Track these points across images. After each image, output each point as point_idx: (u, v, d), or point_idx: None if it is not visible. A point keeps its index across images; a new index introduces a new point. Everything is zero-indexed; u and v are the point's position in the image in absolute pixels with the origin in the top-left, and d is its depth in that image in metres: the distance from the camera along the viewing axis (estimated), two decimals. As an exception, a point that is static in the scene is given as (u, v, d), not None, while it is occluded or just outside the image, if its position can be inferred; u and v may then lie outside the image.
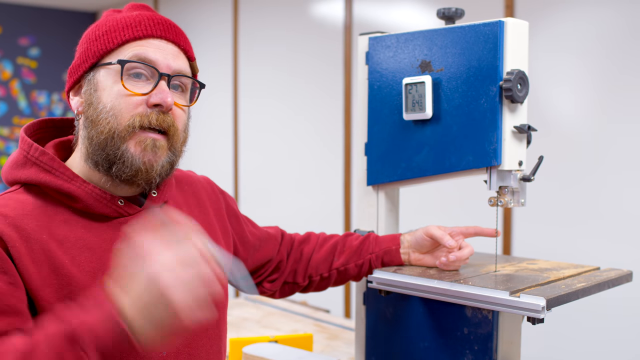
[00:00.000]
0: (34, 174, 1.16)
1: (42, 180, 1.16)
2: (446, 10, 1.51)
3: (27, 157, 1.18)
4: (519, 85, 1.39)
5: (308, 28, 4.28)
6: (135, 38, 1.19)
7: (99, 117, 1.16)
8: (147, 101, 1.17)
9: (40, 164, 1.17)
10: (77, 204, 1.16)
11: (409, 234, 1.58)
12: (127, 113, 1.16)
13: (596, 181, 2.87)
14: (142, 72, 1.18)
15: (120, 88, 1.16)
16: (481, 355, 1.42)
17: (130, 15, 1.22)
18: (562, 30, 2.96)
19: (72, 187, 1.15)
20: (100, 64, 1.19)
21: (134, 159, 1.16)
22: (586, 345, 2.90)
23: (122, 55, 1.18)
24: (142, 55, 1.18)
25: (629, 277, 1.57)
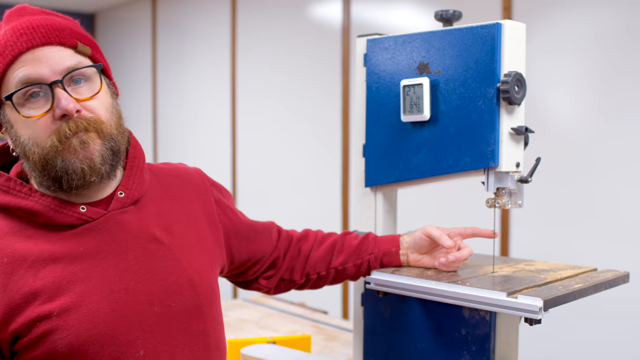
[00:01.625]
0: None
1: (2, 201, 1.17)
2: (444, 12, 1.52)
3: None
4: (517, 87, 1.39)
5: (306, 30, 4.29)
6: (10, 62, 1.14)
7: (25, 150, 1.16)
8: (54, 115, 1.14)
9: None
10: (39, 219, 1.17)
11: (408, 235, 1.59)
12: (44, 135, 1.15)
13: (593, 182, 2.88)
14: (35, 90, 1.14)
15: (25, 119, 1.15)
16: (479, 356, 1.42)
17: (3, 35, 1.16)
18: (560, 32, 2.97)
19: (29, 204, 1.16)
20: (2, 101, 1.17)
21: (73, 164, 1.15)
22: (583, 346, 2.91)
23: (8, 85, 1.15)
24: (24, 77, 1.14)
25: (625, 279, 1.58)
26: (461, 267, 1.61)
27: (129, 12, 6.04)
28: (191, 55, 5.35)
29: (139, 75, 5.97)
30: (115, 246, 1.19)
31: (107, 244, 1.18)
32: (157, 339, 1.19)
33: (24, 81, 1.13)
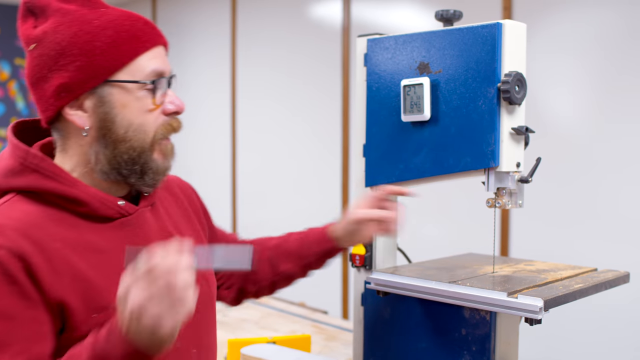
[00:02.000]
0: (34, 181, 1.14)
1: (45, 187, 1.14)
2: (444, 12, 1.52)
3: (25, 164, 1.15)
4: (517, 87, 1.39)
5: (306, 30, 4.29)
6: (146, 50, 1.17)
7: (126, 134, 1.16)
8: (163, 110, 1.19)
9: (41, 170, 1.15)
10: (82, 208, 1.16)
11: (338, 228, 1.53)
12: (152, 126, 1.18)
13: (594, 182, 2.88)
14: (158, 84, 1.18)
15: (143, 104, 1.16)
16: (479, 356, 1.42)
17: (122, 20, 1.17)
18: (560, 32, 2.97)
19: (77, 192, 1.15)
20: (111, 81, 1.15)
21: (162, 166, 1.21)
22: (583, 346, 2.91)
23: (135, 69, 1.16)
24: (158, 70, 1.18)
25: (626, 279, 1.58)
26: (461, 267, 1.61)
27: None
28: (191, 55, 5.34)
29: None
30: (147, 241, 1.21)
31: (141, 239, 1.21)
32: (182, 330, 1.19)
33: (157, 73, 1.17)
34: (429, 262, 1.71)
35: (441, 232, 3.45)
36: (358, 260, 1.65)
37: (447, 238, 3.42)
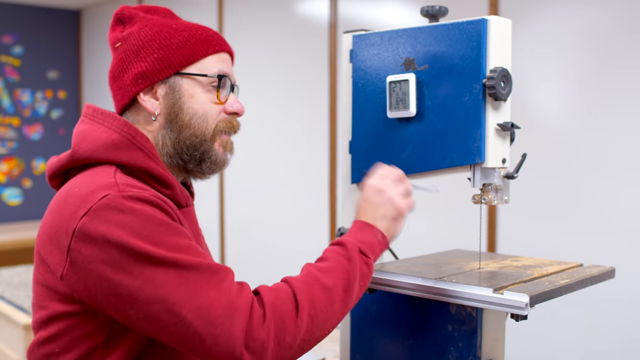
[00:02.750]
0: (139, 159, 1.26)
1: (147, 166, 1.26)
2: (430, 8, 1.51)
3: (133, 141, 1.27)
4: (502, 82, 1.39)
5: (293, 26, 4.28)
6: (215, 52, 1.34)
7: (190, 121, 1.31)
8: (225, 109, 1.35)
9: (145, 150, 1.28)
10: (168, 191, 1.29)
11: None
12: (214, 119, 1.33)
13: (580, 178, 2.89)
14: (222, 83, 1.34)
15: (208, 97, 1.33)
16: (465, 352, 1.42)
17: (197, 27, 1.35)
18: (547, 28, 2.98)
19: (169, 177, 1.29)
20: (182, 73, 1.31)
21: (221, 158, 1.36)
22: (569, 342, 2.92)
23: (204, 67, 1.33)
24: (223, 70, 1.35)
25: (611, 274, 1.59)
26: (448, 264, 1.61)
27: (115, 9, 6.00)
28: (178, 51, 5.31)
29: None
30: (195, 231, 1.40)
31: (193, 229, 1.37)
32: None
33: (223, 71, 1.35)
34: (416, 259, 1.71)
35: (428, 229, 3.46)
36: (344, 257, 1.65)
37: (434, 234, 3.42)
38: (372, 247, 1.32)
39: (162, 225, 1.15)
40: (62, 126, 6.49)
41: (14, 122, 6.18)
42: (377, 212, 1.36)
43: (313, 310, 1.17)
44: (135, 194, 1.16)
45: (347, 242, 1.29)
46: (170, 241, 1.14)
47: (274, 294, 1.16)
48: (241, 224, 4.73)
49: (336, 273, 1.24)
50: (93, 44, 6.39)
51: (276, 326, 1.13)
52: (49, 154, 6.37)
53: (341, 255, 1.27)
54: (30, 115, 6.28)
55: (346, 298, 1.24)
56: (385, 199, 1.36)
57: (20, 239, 5.42)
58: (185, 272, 1.12)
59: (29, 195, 6.28)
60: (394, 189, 1.38)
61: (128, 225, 1.12)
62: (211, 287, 1.12)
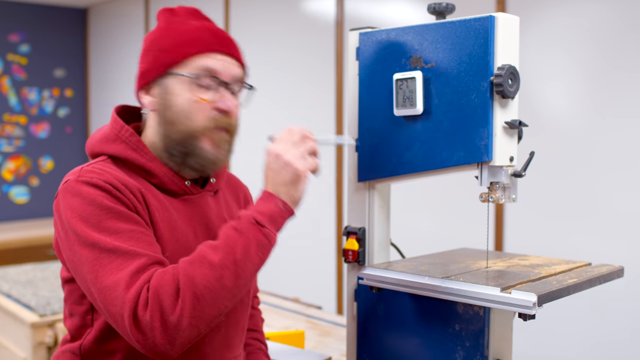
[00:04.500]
0: (122, 150, 1.40)
1: (129, 156, 1.39)
2: (437, 5, 1.50)
3: (119, 135, 1.41)
4: (510, 80, 1.38)
5: (299, 24, 4.27)
6: (201, 53, 1.40)
7: (173, 117, 1.39)
8: (215, 106, 1.39)
9: (129, 142, 1.41)
10: (153, 179, 1.40)
11: None
12: (198, 116, 1.39)
13: (587, 176, 2.87)
14: (209, 82, 1.39)
15: (191, 96, 1.38)
16: (473, 352, 1.41)
17: (193, 29, 1.42)
18: (554, 26, 2.96)
19: (152, 166, 1.40)
20: (170, 73, 1.39)
21: (208, 153, 1.40)
22: (577, 341, 2.91)
23: (190, 66, 1.39)
24: (209, 68, 1.39)
25: (620, 273, 1.57)
26: (455, 262, 1.60)
27: (122, 7, 6.01)
28: (184, 50, 5.31)
29: (131, 70, 5.94)
30: (203, 219, 1.46)
31: (199, 216, 1.45)
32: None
33: (207, 70, 1.39)
34: (423, 257, 1.70)
35: (435, 227, 3.45)
36: (351, 255, 1.64)
37: (441, 233, 3.41)
38: (273, 217, 1.32)
39: (101, 209, 1.27)
40: (69, 124, 6.50)
41: (21, 121, 6.19)
42: (276, 178, 1.35)
43: (197, 289, 1.21)
44: (86, 179, 1.30)
45: (242, 215, 1.31)
46: (104, 224, 1.26)
47: (159, 277, 1.22)
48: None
49: (225, 248, 1.25)
50: (100, 42, 6.40)
51: (158, 308, 1.19)
52: (55, 152, 6.38)
53: (233, 229, 1.28)
54: (37, 113, 6.29)
55: (238, 271, 1.25)
56: (282, 163, 1.35)
57: (27, 237, 5.43)
58: (102, 254, 1.24)
59: (35, 193, 6.30)
60: (293, 151, 1.36)
61: (73, 207, 1.28)
62: (117, 270, 1.22)
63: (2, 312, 3.09)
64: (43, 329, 2.82)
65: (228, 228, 1.29)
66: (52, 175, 6.33)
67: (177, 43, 1.40)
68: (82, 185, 1.29)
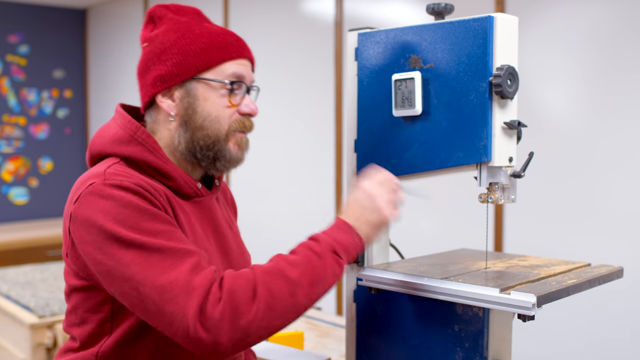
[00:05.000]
0: (139, 152, 1.38)
1: (146, 159, 1.38)
2: (435, 5, 1.50)
3: (134, 136, 1.40)
4: (509, 80, 1.38)
5: (299, 25, 4.27)
6: (231, 58, 1.42)
7: (204, 123, 1.40)
8: (238, 110, 1.43)
9: (146, 144, 1.39)
10: (170, 182, 1.40)
11: None
12: (226, 120, 1.42)
13: (587, 177, 2.87)
14: (236, 87, 1.42)
15: (223, 101, 1.41)
16: (472, 353, 1.41)
17: (217, 33, 1.43)
18: (553, 26, 2.96)
19: (169, 169, 1.40)
20: (198, 78, 1.40)
21: (236, 156, 1.45)
22: (577, 342, 2.91)
23: (220, 72, 1.41)
24: (238, 74, 1.42)
25: (619, 274, 1.57)
26: (454, 263, 1.60)
27: (121, 8, 6.01)
28: (184, 50, 5.30)
29: (131, 71, 5.94)
30: (212, 222, 1.48)
31: (208, 219, 1.47)
32: None
33: (238, 77, 1.42)
34: (422, 258, 1.70)
35: (434, 228, 3.45)
36: (350, 256, 1.64)
37: (440, 233, 3.41)
38: (347, 249, 1.34)
39: (137, 210, 1.26)
40: (68, 125, 6.50)
41: (20, 122, 6.19)
42: (362, 216, 1.37)
43: (272, 299, 1.22)
44: (116, 182, 1.28)
45: (322, 239, 1.32)
46: (143, 225, 1.25)
47: (234, 280, 1.23)
48: (248, 223, 4.72)
49: (303, 267, 1.27)
50: (99, 43, 6.40)
51: (231, 309, 1.19)
52: (55, 153, 6.38)
53: (312, 251, 1.29)
54: (36, 114, 6.28)
55: (311, 293, 1.27)
56: (375, 206, 1.37)
57: (26, 238, 5.43)
58: (150, 253, 1.22)
59: (35, 194, 6.29)
60: (386, 197, 1.39)
61: (105, 210, 1.25)
62: (172, 268, 1.21)
63: (1, 313, 3.08)
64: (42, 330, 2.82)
65: (306, 248, 1.31)
66: (51, 176, 6.33)
67: (206, 48, 1.40)
68: (111, 188, 1.27)
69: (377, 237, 1.40)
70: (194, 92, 1.40)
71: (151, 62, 1.42)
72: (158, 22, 1.45)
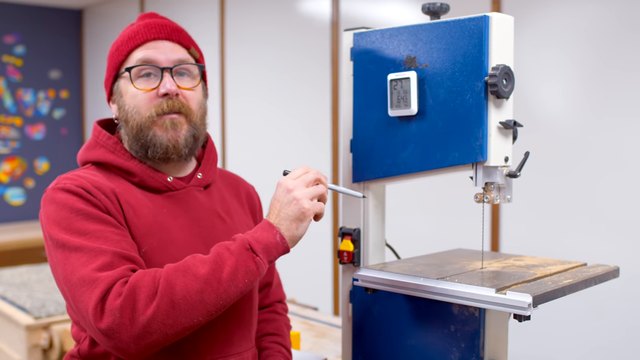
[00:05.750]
0: (102, 154, 1.45)
1: (107, 159, 1.44)
2: (431, 5, 1.50)
3: (97, 140, 1.48)
4: (505, 80, 1.38)
5: (295, 25, 4.26)
6: (137, 46, 1.45)
7: (127, 116, 1.45)
8: (157, 93, 1.43)
9: (106, 146, 1.46)
10: (134, 179, 1.44)
11: None
12: (145, 107, 1.43)
13: (583, 176, 2.87)
14: (149, 71, 1.44)
15: (134, 89, 1.44)
16: (468, 353, 1.41)
17: (135, 27, 1.48)
18: (550, 25, 2.96)
19: (130, 165, 1.44)
20: (119, 75, 1.47)
21: (160, 139, 1.43)
22: (573, 341, 2.91)
23: (130, 63, 1.45)
24: (144, 58, 1.44)
25: (615, 273, 1.57)
26: (450, 263, 1.60)
27: (117, 8, 6.00)
28: (180, 51, 5.30)
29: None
30: (190, 214, 1.47)
31: (184, 211, 1.47)
32: None
33: (143, 60, 1.44)
34: (418, 258, 1.69)
35: (430, 228, 3.44)
36: (346, 256, 1.64)
37: (436, 233, 3.41)
38: (267, 247, 1.32)
39: (72, 211, 1.32)
40: (64, 126, 6.49)
41: (16, 122, 6.18)
42: (281, 212, 1.36)
43: (176, 296, 1.23)
44: (61, 185, 1.36)
45: (238, 237, 1.32)
46: (75, 226, 1.30)
47: (139, 277, 1.25)
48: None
49: (212, 265, 1.27)
50: (95, 44, 6.39)
51: (130, 304, 1.21)
52: (51, 154, 6.37)
53: (225, 248, 1.30)
54: (32, 115, 6.27)
55: (220, 290, 1.26)
56: (291, 197, 1.35)
57: (22, 239, 5.42)
58: (70, 253, 1.28)
59: (31, 195, 6.28)
60: (304, 190, 1.37)
61: (49, 213, 1.35)
62: (83, 266, 1.25)
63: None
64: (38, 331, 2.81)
65: (221, 246, 1.31)
66: (47, 177, 6.32)
67: (119, 45, 1.48)
68: (56, 192, 1.36)
69: (301, 231, 1.36)
70: (119, 90, 1.48)
71: None
72: None
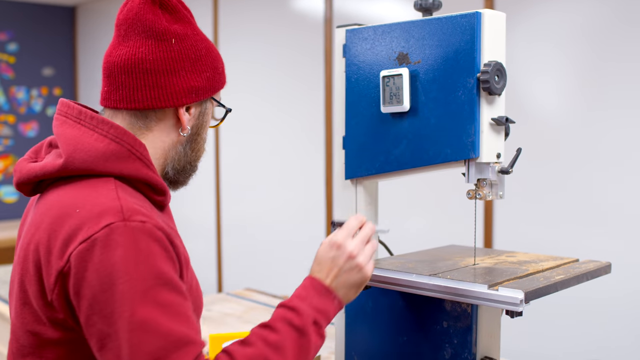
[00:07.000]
0: (139, 169, 1.18)
1: (145, 176, 1.19)
2: (423, 1, 1.50)
3: (132, 151, 1.18)
4: (497, 77, 1.38)
5: (289, 22, 4.26)
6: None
7: (201, 146, 1.34)
8: None
9: (144, 160, 1.20)
10: (159, 197, 1.23)
11: None
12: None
13: (575, 173, 2.88)
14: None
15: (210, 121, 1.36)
16: (460, 349, 1.41)
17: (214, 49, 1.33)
18: (543, 21, 2.96)
19: (164, 185, 1.23)
20: (213, 98, 1.34)
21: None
22: (565, 337, 2.92)
23: (220, 97, 1.36)
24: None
25: (607, 269, 1.58)
26: (443, 260, 1.60)
27: (110, 5, 5.98)
28: (173, 48, 5.28)
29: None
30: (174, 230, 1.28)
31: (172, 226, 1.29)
32: None
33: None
34: (411, 255, 1.70)
35: (423, 224, 3.45)
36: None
37: (429, 230, 3.41)
38: (328, 317, 1.22)
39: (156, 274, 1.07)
40: (58, 123, 6.47)
41: (9, 120, 6.15)
42: (341, 278, 1.24)
43: None
44: (138, 225, 1.07)
45: (301, 310, 1.19)
46: (156, 296, 1.06)
47: None
48: (238, 220, 4.72)
49: (287, 352, 1.14)
50: (88, 41, 6.36)
51: None
52: (45, 151, 6.34)
53: (293, 327, 1.16)
54: (25, 112, 6.25)
55: None
56: (354, 264, 1.25)
57: (15, 237, 5.40)
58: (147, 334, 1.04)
59: (25, 192, 6.26)
60: (365, 252, 1.26)
61: (124, 263, 1.04)
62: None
63: (-10, 312, 3.07)
64: (31, 329, 2.80)
65: (287, 323, 1.17)
66: (41, 175, 6.29)
67: (223, 69, 1.34)
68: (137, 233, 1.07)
69: (355, 297, 1.28)
70: (206, 112, 1.33)
71: (181, 66, 1.24)
72: (172, 14, 1.27)
